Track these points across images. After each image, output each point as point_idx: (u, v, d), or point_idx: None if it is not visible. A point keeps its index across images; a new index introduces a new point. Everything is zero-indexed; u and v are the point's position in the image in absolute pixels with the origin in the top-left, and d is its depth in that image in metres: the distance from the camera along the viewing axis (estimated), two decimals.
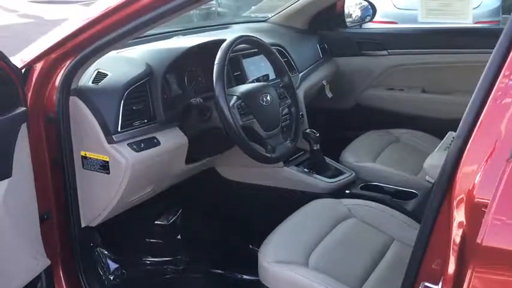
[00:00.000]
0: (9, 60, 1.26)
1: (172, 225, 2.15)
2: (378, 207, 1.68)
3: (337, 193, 1.90)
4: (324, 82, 2.51)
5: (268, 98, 1.68)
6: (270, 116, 1.69)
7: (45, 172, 1.47)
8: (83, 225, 1.57)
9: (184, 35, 2.23)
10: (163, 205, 2.12)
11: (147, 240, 2.08)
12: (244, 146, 1.59)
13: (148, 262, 2.02)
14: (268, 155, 1.64)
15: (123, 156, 1.46)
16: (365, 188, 1.97)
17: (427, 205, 0.92)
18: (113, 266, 1.86)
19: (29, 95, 1.40)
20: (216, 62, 1.56)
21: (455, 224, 0.80)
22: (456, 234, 0.79)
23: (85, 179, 1.52)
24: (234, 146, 1.73)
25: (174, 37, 2.14)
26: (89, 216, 1.57)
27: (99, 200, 1.54)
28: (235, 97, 1.60)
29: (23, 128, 1.28)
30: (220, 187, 2.09)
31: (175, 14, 1.29)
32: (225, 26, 2.59)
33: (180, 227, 2.15)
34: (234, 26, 2.60)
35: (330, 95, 2.54)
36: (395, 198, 1.89)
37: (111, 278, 1.84)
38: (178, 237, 2.14)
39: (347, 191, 1.94)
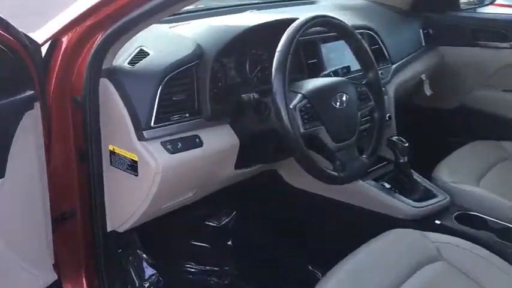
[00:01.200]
0: (20, 32, 1.03)
1: (224, 228, 1.92)
2: (478, 250, 1.31)
3: (424, 222, 1.55)
4: (423, 77, 2.15)
5: (344, 98, 1.32)
6: (344, 123, 1.33)
7: (68, 164, 1.28)
8: (109, 229, 1.36)
9: (259, 9, 1.93)
10: (214, 205, 1.88)
11: (193, 242, 1.86)
12: (303, 159, 1.26)
13: (191, 270, 1.80)
14: (335, 173, 1.29)
15: (153, 157, 1.20)
16: (461, 219, 1.58)
17: None
18: (148, 272, 1.66)
19: (54, 73, 1.21)
20: (278, 49, 1.22)
21: None
22: None
23: (112, 178, 1.29)
24: None
25: (247, 11, 1.86)
26: (115, 221, 1.35)
27: (126, 204, 1.32)
28: (299, 96, 1.26)
29: (30, 116, 1.05)
30: (282, 193, 1.80)
31: None
32: (311, 1, 2.26)
33: (232, 231, 1.92)
34: (323, 1, 2.26)
35: (428, 92, 2.17)
36: (501, 238, 1.49)
37: (146, 285, 1.64)
38: (229, 243, 1.90)
39: (437, 222, 1.56)
